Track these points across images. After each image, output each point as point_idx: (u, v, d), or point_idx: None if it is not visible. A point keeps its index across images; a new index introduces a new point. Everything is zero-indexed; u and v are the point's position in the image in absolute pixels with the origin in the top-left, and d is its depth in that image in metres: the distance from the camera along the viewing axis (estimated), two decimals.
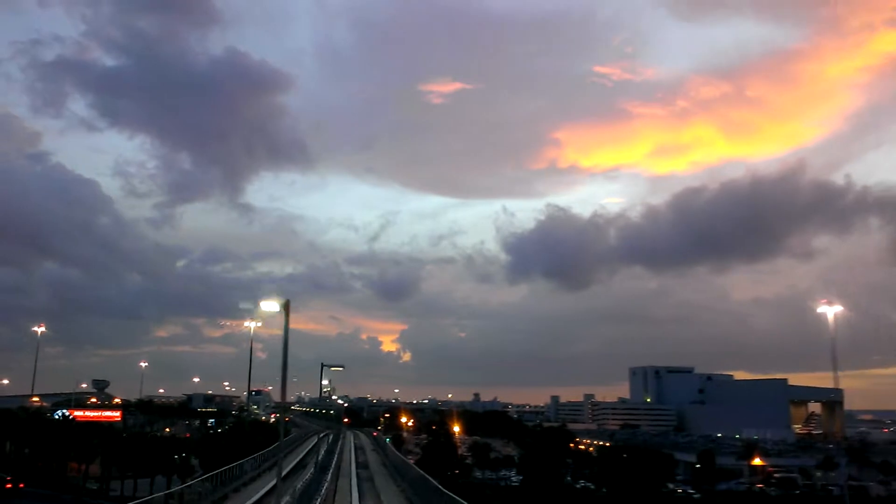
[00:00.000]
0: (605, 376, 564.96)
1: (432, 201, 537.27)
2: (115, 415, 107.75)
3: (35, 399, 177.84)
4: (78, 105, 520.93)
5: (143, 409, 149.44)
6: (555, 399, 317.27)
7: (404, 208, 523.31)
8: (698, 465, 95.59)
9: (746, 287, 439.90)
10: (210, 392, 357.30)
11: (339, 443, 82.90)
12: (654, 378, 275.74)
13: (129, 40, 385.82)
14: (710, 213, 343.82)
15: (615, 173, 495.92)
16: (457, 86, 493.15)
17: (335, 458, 61.13)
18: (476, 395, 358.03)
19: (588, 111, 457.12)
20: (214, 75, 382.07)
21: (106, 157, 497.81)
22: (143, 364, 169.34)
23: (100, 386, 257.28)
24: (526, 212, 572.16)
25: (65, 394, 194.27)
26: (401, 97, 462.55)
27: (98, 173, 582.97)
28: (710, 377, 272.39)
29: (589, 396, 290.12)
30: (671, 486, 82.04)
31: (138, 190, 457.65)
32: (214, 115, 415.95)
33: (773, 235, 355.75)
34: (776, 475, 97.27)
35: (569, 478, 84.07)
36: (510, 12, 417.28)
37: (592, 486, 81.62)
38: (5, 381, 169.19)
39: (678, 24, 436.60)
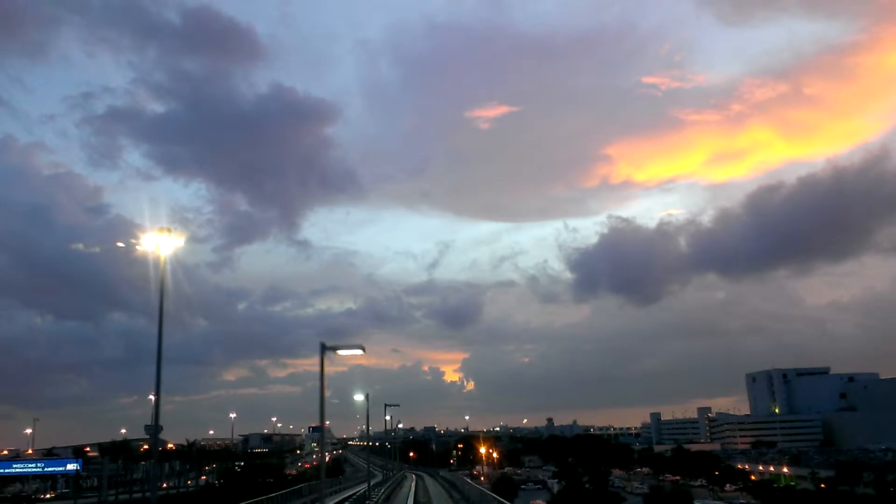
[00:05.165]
0: (692, 391, 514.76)
1: (486, 227, 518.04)
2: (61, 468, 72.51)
3: (87, 448, 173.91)
4: (133, 156, 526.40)
5: (117, 455, 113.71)
6: (655, 417, 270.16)
7: (459, 236, 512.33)
8: None
9: (825, 289, 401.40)
10: (266, 431, 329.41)
11: None
12: (781, 383, 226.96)
13: (176, 84, 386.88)
14: (786, 213, 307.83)
15: (671, 185, 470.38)
16: (502, 109, 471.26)
17: None
18: (549, 419, 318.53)
19: (638, 123, 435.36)
20: (262, 112, 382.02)
21: (164, 205, 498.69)
22: (150, 397, 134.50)
23: (152, 431, 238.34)
24: (582, 230, 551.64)
25: (119, 441, 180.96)
26: (447, 126, 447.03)
27: (157, 222, 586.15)
28: (851, 378, 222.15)
29: (704, 410, 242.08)
30: None
31: (197, 235, 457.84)
32: (265, 153, 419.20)
33: (853, 232, 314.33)
34: None
35: None
36: (548, 33, 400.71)
37: None
38: (28, 431, 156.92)
39: (726, 28, 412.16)
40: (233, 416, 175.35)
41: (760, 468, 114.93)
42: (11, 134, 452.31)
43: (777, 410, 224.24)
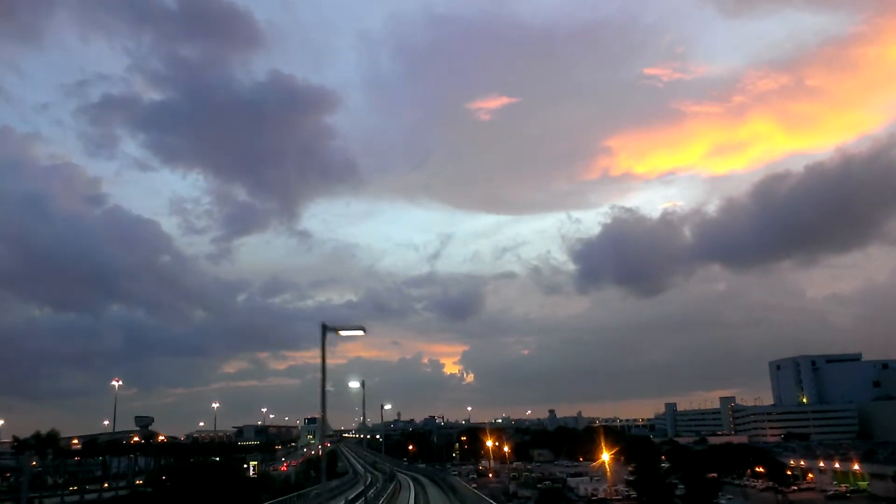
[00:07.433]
0: (696, 382, 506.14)
1: (487, 219, 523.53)
2: None
3: (74, 441, 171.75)
4: (130, 146, 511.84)
5: (42, 449, 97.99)
6: (671, 407, 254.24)
7: (459, 228, 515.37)
8: None
9: (828, 281, 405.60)
10: (260, 423, 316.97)
11: None
12: (810, 371, 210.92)
13: (173, 71, 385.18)
14: (792, 203, 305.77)
15: (671, 177, 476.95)
16: (503, 101, 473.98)
17: None
18: (552, 411, 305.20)
19: (639, 115, 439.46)
20: (260, 100, 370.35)
21: (162, 196, 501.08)
22: (115, 383, 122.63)
23: (143, 423, 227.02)
24: (585, 220, 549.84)
25: (107, 434, 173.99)
26: (448, 118, 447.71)
27: (156, 212, 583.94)
28: (886, 365, 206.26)
29: (727, 400, 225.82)
30: None
31: (196, 226, 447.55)
32: (264, 142, 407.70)
33: (859, 222, 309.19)
34: None
35: None
36: (549, 25, 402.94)
37: None
38: (1, 422, 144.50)
39: (727, 20, 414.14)
40: (215, 405, 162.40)
41: (821, 465, 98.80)
42: (8, 124, 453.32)
43: (805, 400, 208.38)
